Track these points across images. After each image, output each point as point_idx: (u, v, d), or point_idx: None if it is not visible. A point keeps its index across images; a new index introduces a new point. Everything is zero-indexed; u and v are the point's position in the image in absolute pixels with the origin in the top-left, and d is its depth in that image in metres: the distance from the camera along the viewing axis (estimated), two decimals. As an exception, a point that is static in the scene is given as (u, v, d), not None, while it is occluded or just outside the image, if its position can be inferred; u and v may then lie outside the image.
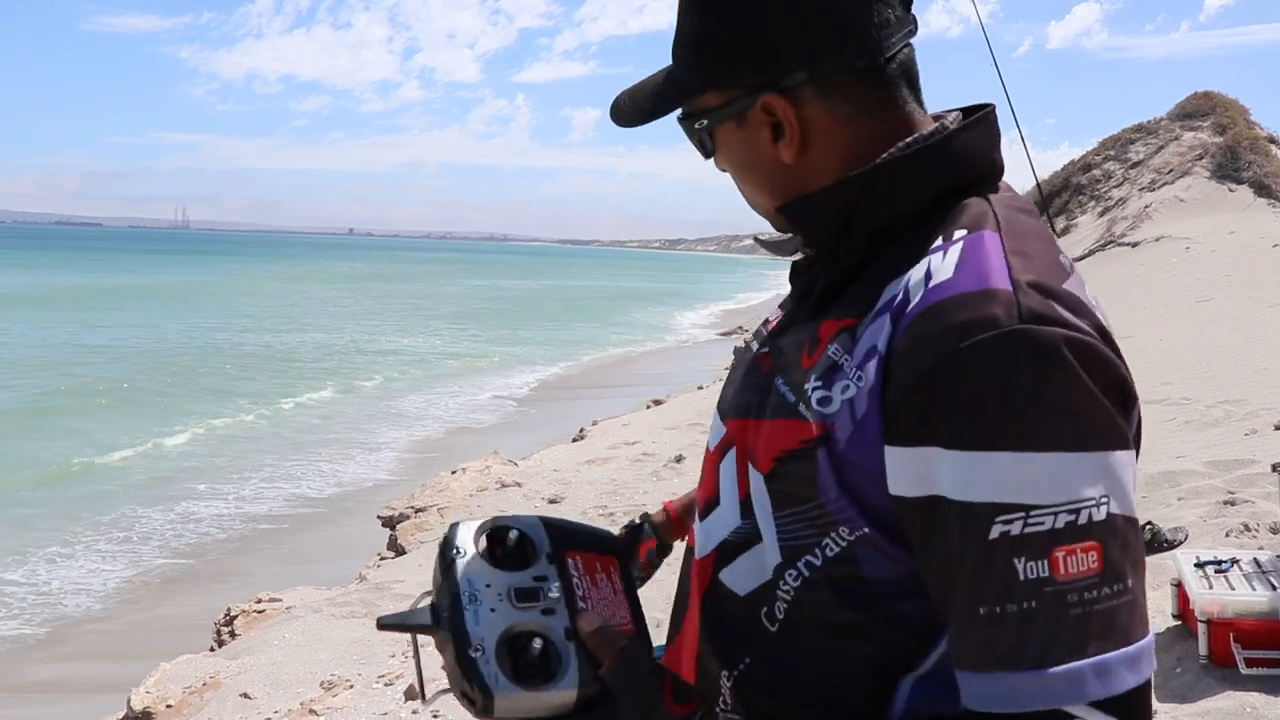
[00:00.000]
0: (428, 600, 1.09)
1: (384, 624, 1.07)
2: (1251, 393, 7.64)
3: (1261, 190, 26.63)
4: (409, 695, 4.97)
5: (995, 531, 0.87)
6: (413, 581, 7.30)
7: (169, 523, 12.13)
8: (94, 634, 8.91)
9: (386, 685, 5.30)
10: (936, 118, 1.10)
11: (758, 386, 1.10)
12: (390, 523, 9.26)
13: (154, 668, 6.20)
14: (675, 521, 1.55)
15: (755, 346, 1.19)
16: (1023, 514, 0.87)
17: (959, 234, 0.98)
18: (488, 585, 1.05)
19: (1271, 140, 29.84)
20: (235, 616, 7.26)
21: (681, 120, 1.14)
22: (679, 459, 9.57)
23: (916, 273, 0.97)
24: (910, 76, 1.08)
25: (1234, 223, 22.99)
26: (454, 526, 1.10)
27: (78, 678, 8.05)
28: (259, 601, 7.46)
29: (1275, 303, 12.90)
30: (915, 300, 0.94)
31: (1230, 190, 26.82)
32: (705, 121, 1.11)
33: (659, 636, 1.24)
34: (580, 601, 1.08)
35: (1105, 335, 0.94)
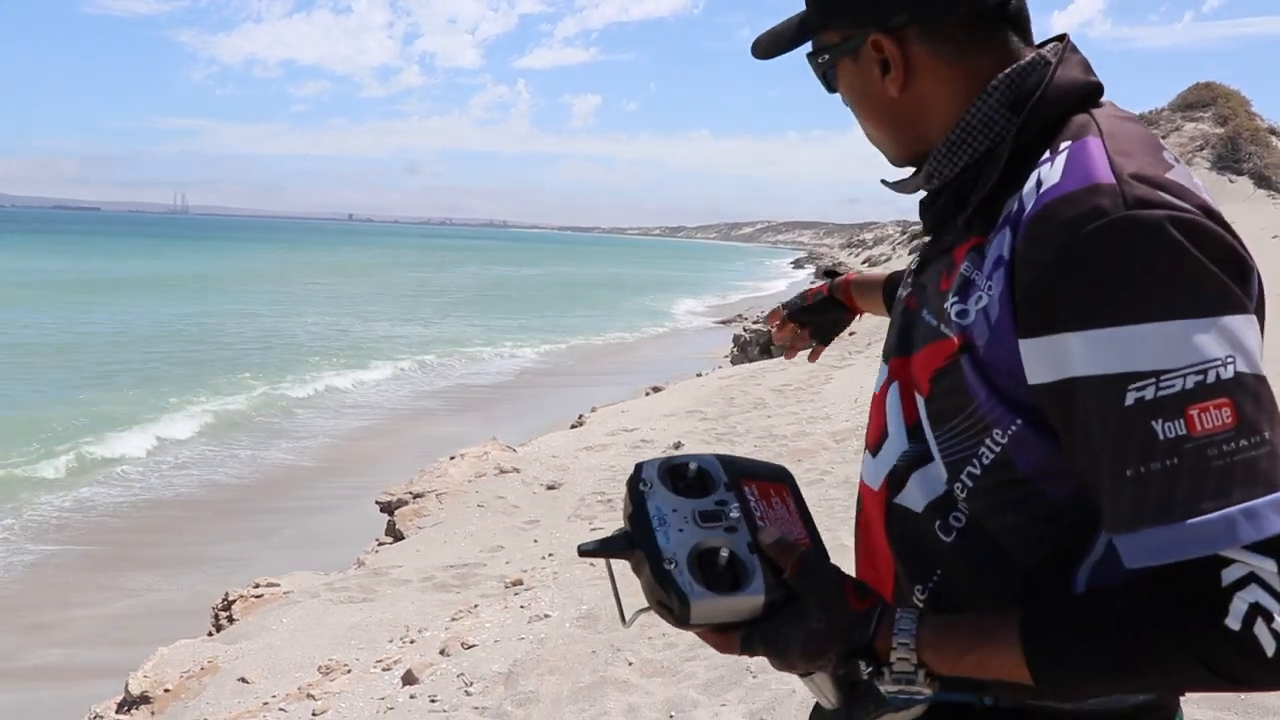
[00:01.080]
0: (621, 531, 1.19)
1: (584, 550, 1.16)
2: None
3: (1262, 181, 26.58)
4: (406, 680, 4.97)
5: (1130, 399, 0.94)
6: (410, 567, 7.30)
7: (165, 506, 12.14)
8: (92, 618, 8.91)
9: (384, 670, 5.30)
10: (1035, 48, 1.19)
11: (910, 324, 1.21)
12: (388, 508, 9.24)
13: (152, 652, 6.20)
14: (845, 284, 2.04)
15: (904, 291, 1.28)
16: (1153, 379, 0.93)
17: (1064, 145, 1.06)
18: (674, 510, 1.14)
19: (1272, 132, 29.78)
20: (233, 601, 7.25)
21: (809, 56, 1.28)
22: (677, 445, 9.57)
23: (1029, 183, 1.05)
24: (1019, 20, 1.18)
25: (1235, 214, 22.57)
26: (638, 465, 1.19)
27: (76, 663, 8.06)
28: (257, 586, 7.46)
29: (1275, 293, 12.88)
30: (1030, 206, 1.02)
31: (1231, 181, 26.76)
32: (826, 57, 1.25)
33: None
34: (759, 521, 1.16)
35: (1211, 213, 0.99)
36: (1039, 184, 1.04)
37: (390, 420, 17.94)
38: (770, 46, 1.33)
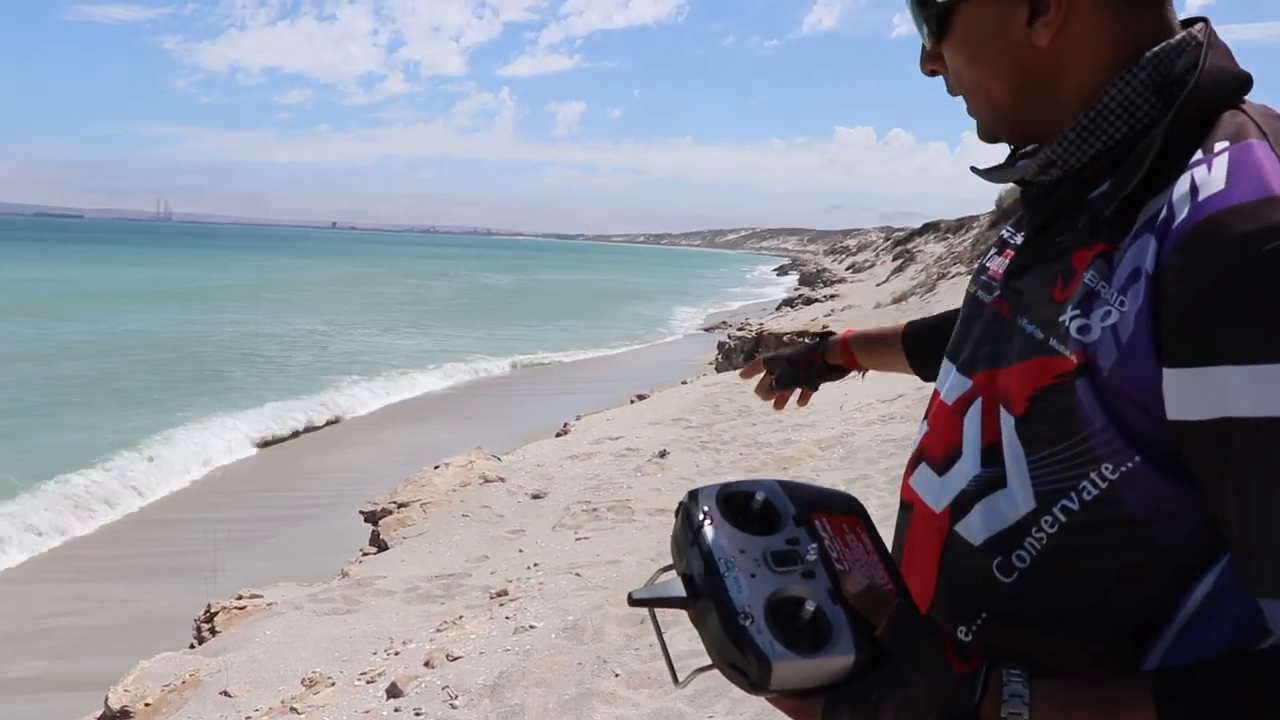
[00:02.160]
0: (670, 574, 1.02)
1: (636, 600, 0.98)
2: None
3: None
4: (391, 693, 4.93)
5: None
6: (395, 577, 7.25)
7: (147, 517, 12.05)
8: (72, 630, 8.82)
9: (368, 683, 5.25)
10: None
11: (1000, 334, 1.07)
12: (373, 518, 9.19)
13: (133, 665, 6.14)
14: (843, 344, 1.88)
15: (986, 294, 1.14)
16: None
17: (1220, 146, 0.92)
18: (741, 551, 0.97)
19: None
20: (216, 613, 7.19)
21: None
22: (663, 454, 9.54)
23: (1180, 187, 0.91)
24: None
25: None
26: (692, 494, 1.03)
27: (55, 675, 7.97)
28: (240, 598, 7.40)
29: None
30: (1183, 214, 0.89)
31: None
32: None
33: None
34: (837, 563, 0.99)
35: None
36: (1194, 189, 0.90)
37: (374, 430, 17.86)
38: None
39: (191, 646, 7.05)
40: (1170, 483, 0.92)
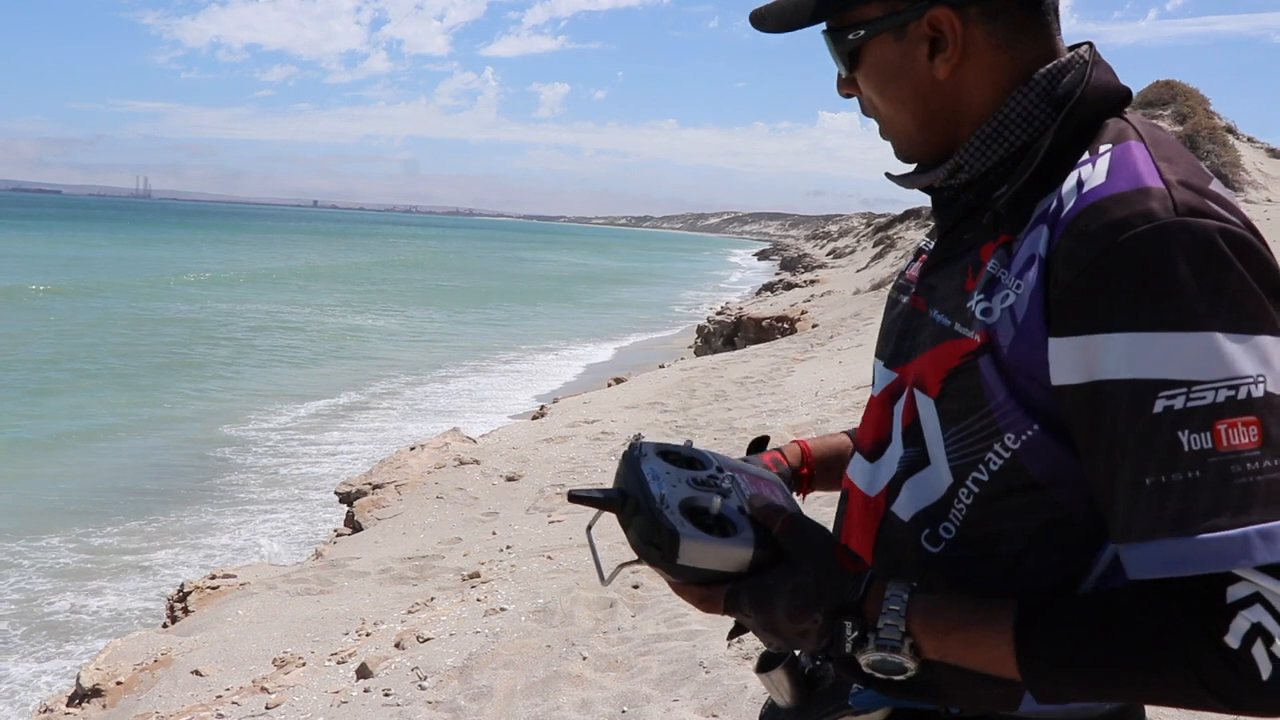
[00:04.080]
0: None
1: (574, 496, 1.15)
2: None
3: (1219, 180, 26.95)
4: (361, 673, 4.97)
5: (1159, 406, 0.92)
6: (368, 559, 7.28)
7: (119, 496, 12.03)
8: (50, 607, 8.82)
9: (339, 663, 5.28)
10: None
11: (917, 327, 1.17)
12: (347, 499, 9.22)
13: (104, 644, 6.15)
14: (807, 456, 1.55)
15: (904, 295, 1.25)
16: (1184, 389, 0.92)
17: (1104, 148, 1.04)
18: (668, 473, 1.15)
19: (1230, 130, 30.19)
20: (189, 593, 7.20)
21: (830, 32, 1.18)
22: (638, 437, 9.57)
23: (1068, 183, 1.03)
24: (1057, 9, 1.14)
25: (1192, 210, 23.16)
26: (638, 437, 1.22)
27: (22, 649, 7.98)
28: (213, 578, 7.42)
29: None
30: (1070, 204, 1.00)
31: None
32: (861, 33, 1.15)
33: None
34: (748, 493, 1.16)
35: (1254, 230, 0.98)
36: (1080, 183, 1.01)
37: (346, 413, 17.84)
38: (789, 17, 1.19)
39: (165, 625, 7.07)
40: (1065, 450, 1.01)
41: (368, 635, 5.72)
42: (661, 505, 1.09)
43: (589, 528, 1.25)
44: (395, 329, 30.47)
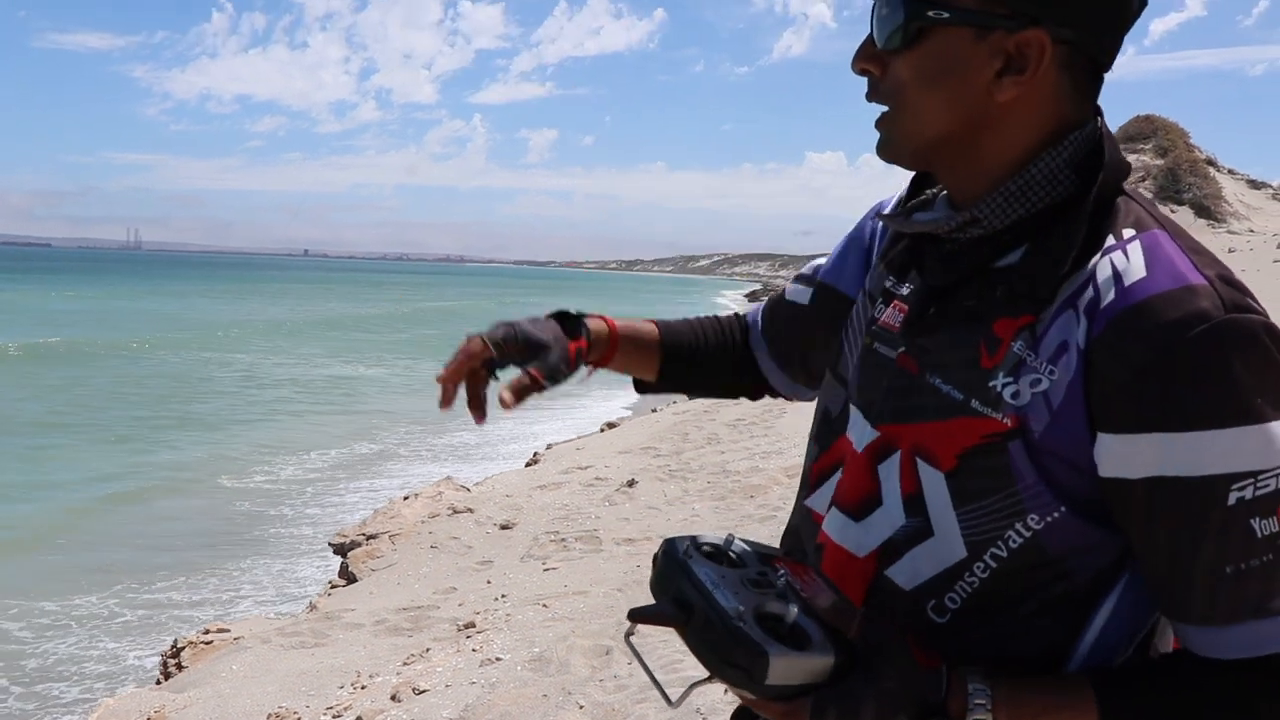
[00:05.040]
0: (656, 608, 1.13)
1: (635, 615, 1.10)
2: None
3: (1201, 211, 27.25)
4: (357, 727, 4.94)
5: (1232, 499, 0.96)
6: (363, 610, 7.25)
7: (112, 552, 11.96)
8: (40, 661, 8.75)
9: (334, 717, 5.26)
10: None
11: (910, 389, 1.14)
12: (341, 550, 9.18)
13: (98, 703, 6.10)
14: (613, 335, 1.55)
15: (888, 348, 1.19)
16: (1252, 479, 0.96)
17: (1129, 233, 1.05)
18: (723, 577, 1.09)
19: (1210, 163, 30.51)
20: (182, 648, 7.16)
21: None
22: (631, 483, 9.59)
23: (1102, 271, 1.03)
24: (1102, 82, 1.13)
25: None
26: (668, 540, 1.15)
27: (15, 711, 7.90)
28: (206, 632, 7.37)
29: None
30: (1110, 297, 1.01)
31: (1172, 211, 27.37)
32: (946, 15, 1.05)
33: None
34: (801, 590, 1.12)
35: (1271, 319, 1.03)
36: (1116, 275, 1.01)
37: (342, 462, 17.80)
38: None
39: (157, 682, 7.02)
40: (1087, 526, 1.04)
41: (363, 688, 5.70)
42: (739, 620, 1.03)
43: (628, 635, 1.16)
44: (386, 378, 30.44)
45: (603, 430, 14.97)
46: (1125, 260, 1.02)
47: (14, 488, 14.79)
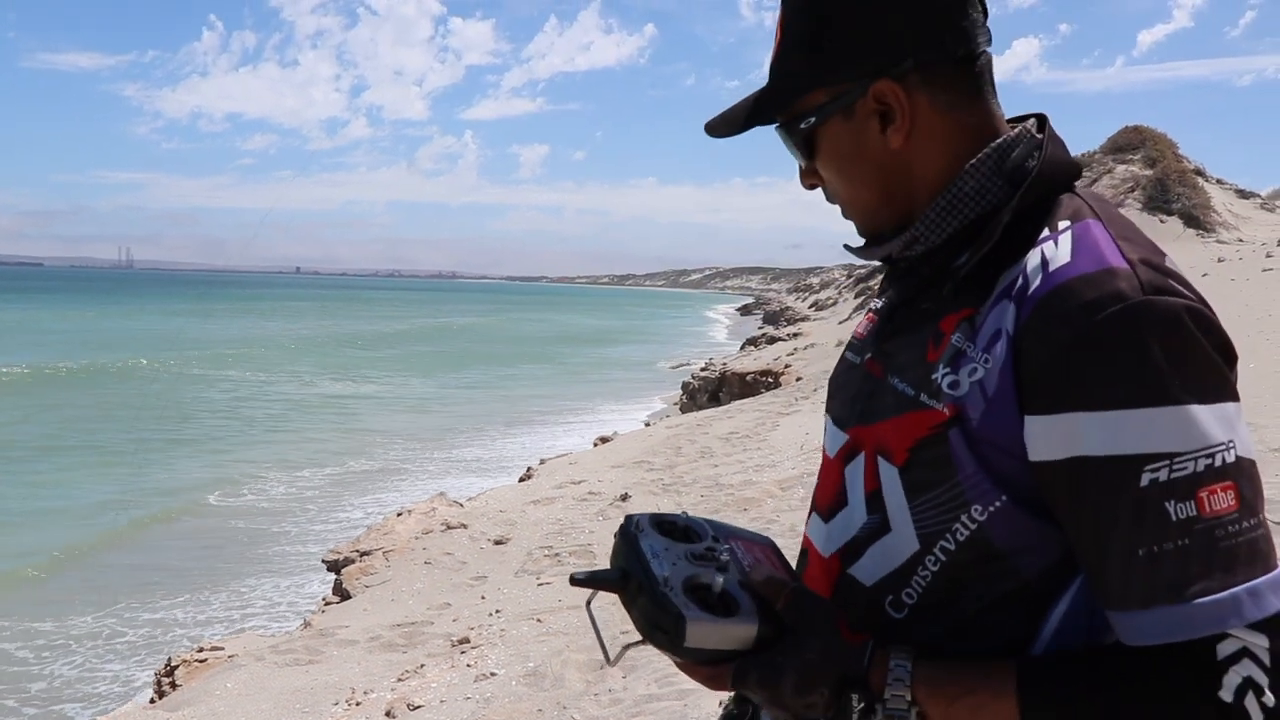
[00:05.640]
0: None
1: (576, 580, 1.17)
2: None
3: (1190, 221, 27.34)
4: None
5: (1145, 479, 0.96)
6: (357, 627, 7.24)
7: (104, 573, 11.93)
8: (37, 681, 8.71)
9: (329, 734, 5.25)
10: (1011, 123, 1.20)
11: (873, 391, 1.19)
12: (335, 566, 9.17)
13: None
14: None
15: (856, 356, 1.28)
16: (1167, 461, 0.96)
17: (1063, 225, 1.08)
18: (666, 549, 1.16)
19: (1199, 173, 30.66)
20: (176, 666, 7.14)
21: (783, 128, 1.22)
22: (625, 497, 9.59)
23: (1031, 260, 1.06)
24: (991, 77, 1.18)
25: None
26: (628, 516, 1.23)
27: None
28: (200, 650, 7.35)
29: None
30: (1037, 283, 1.04)
31: (1161, 221, 27.47)
32: (812, 120, 1.19)
33: None
34: (746, 565, 1.17)
35: (1207, 304, 1.03)
36: (1044, 262, 1.05)
37: (336, 482, 17.77)
38: (742, 120, 1.25)
39: (152, 701, 6.99)
40: (1030, 520, 1.05)
41: (358, 705, 5.69)
42: (665, 587, 1.09)
43: (588, 603, 1.24)
44: (379, 395, 30.43)
45: (596, 445, 14.97)
46: (1055, 248, 1.05)
47: (11, 513, 14.73)
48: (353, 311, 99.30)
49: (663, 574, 1.11)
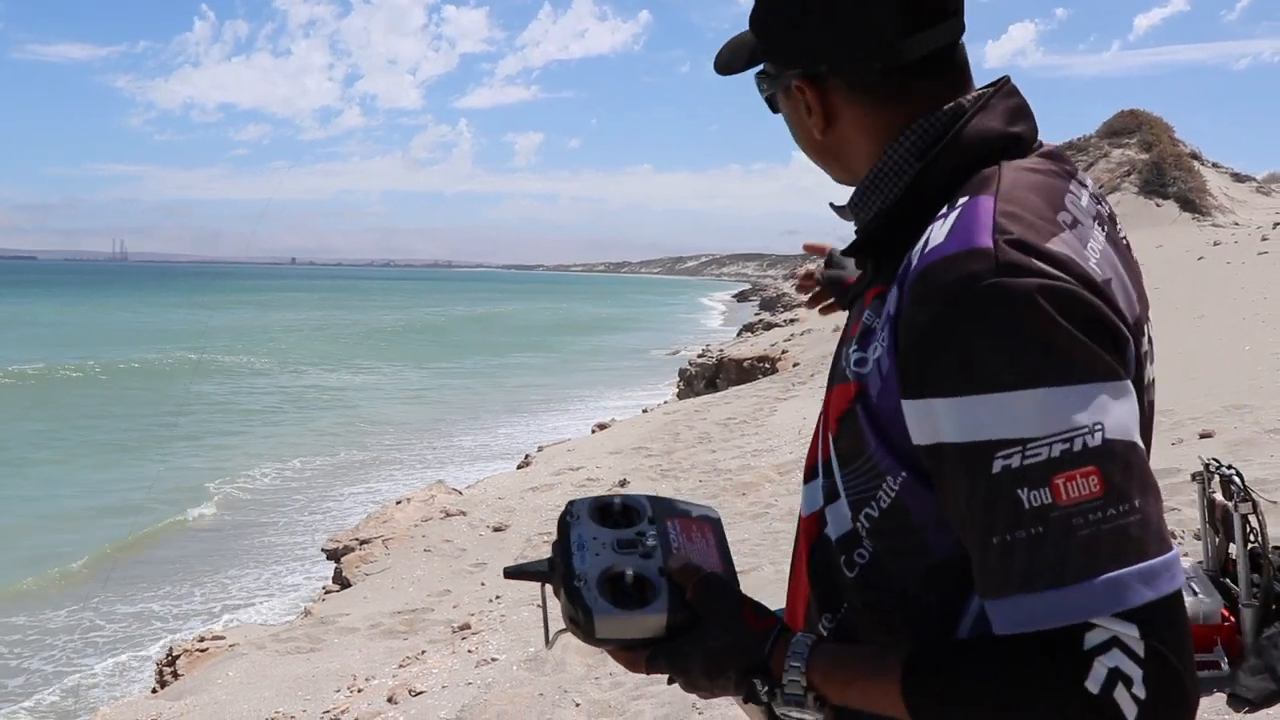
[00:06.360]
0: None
1: (509, 573, 1.22)
2: (1178, 403, 7.82)
3: (1186, 205, 27.34)
4: (354, 730, 4.95)
5: (997, 466, 0.93)
6: (358, 614, 7.26)
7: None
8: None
9: (332, 720, 5.27)
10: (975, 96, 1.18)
11: (834, 360, 1.21)
12: (335, 555, 9.19)
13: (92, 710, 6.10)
14: None
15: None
16: (1019, 447, 0.93)
17: (961, 200, 1.05)
18: (594, 538, 1.20)
19: (1195, 156, 30.64)
20: (178, 656, 7.16)
21: (756, 76, 1.30)
22: (623, 483, 9.61)
23: (920, 240, 1.05)
24: (942, 68, 1.16)
25: (1161, 237, 23.54)
26: (570, 502, 1.26)
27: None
28: (201, 640, 7.38)
29: (1202, 314, 13.23)
30: (914, 263, 1.02)
31: (1157, 205, 27.49)
32: (764, 86, 1.28)
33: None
34: (675, 550, 1.20)
35: (1090, 284, 0.98)
36: (925, 242, 1.03)
37: (331, 471, 17.79)
38: (727, 62, 1.33)
39: (154, 690, 7.02)
40: (931, 495, 1.03)
41: (359, 691, 5.71)
42: (578, 581, 1.14)
43: (542, 587, 1.26)
44: (379, 385, 30.43)
45: (594, 431, 14.99)
46: (941, 226, 1.03)
47: (12, 513, 14.74)
48: (349, 302, 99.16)
49: (581, 567, 1.15)
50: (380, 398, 27.10)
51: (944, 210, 1.05)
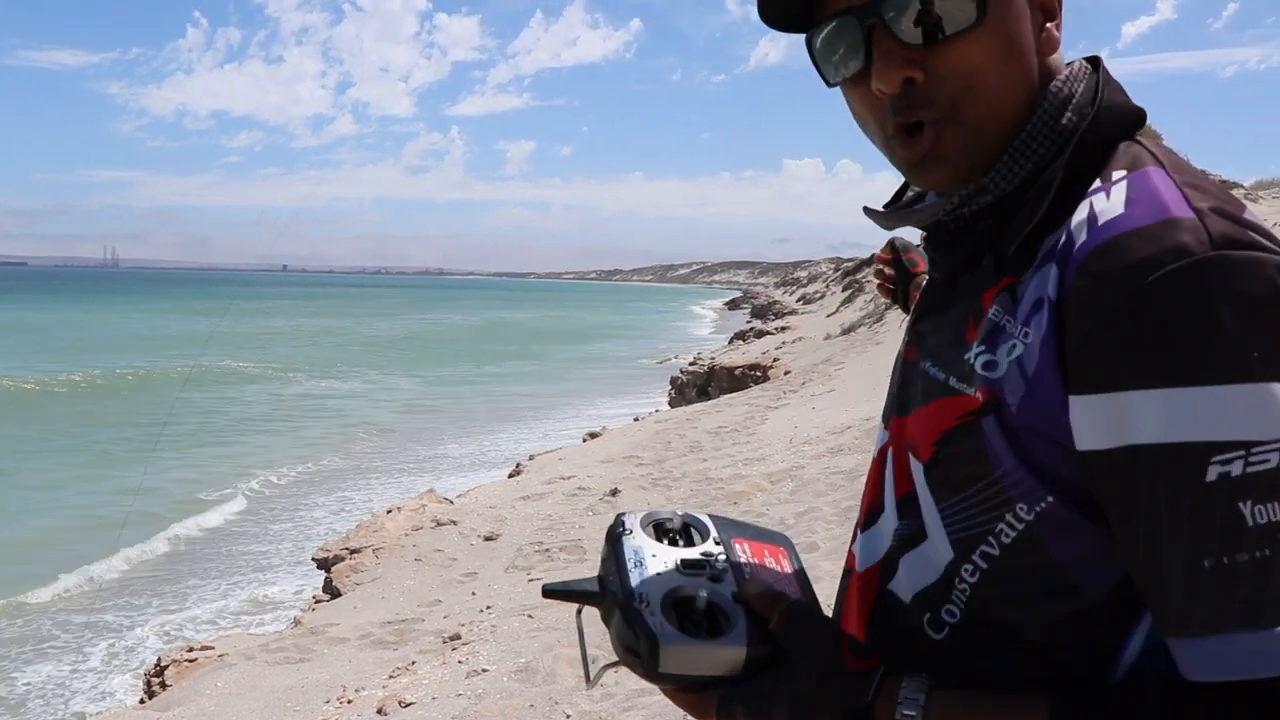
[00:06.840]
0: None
1: (548, 591, 1.04)
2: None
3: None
4: (343, 742, 4.93)
5: (1213, 473, 0.77)
6: (348, 624, 7.23)
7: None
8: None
9: (320, 732, 5.24)
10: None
11: (908, 379, 1.04)
12: (325, 564, 9.16)
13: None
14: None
15: (903, 345, 1.09)
16: (1243, 452, 0.76)
17: (1119, 174, 0.89)
18: (654, 555, 1.01)
19: (1185, 165, 30.68)
20: (166, 666, 7.12)
21: None
22: (614, 492, 9.59)
23: (1079, 215, 0.87)
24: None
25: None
26: (619, 515, 1.08)
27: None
28: (190, 650, 7.34)
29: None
30: (1083, 239, 0.85)
31: (1148, 214, 27.53)
32: None
33: None
34: (747, 574, 1.02)
35: None
36: (1093, 216, 0.86)
37: (329, 478, 17.74)
38: None
39: (141, 701, 6.98)
40: (1088, 524, 0.86)
41: (349, 702, 5.68)
42: (639, 603, 0.95)
43: (578, 612, 1.09)
44: (369, 392, 30.38)
45: (585, 440, 14.97)
46: (1106, 200, 0.87)
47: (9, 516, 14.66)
48: (340, 310, 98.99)
49: (640, 587, 0.96)
50: (370, 405, 27.04)
51: (1098, 185, 0.89)
